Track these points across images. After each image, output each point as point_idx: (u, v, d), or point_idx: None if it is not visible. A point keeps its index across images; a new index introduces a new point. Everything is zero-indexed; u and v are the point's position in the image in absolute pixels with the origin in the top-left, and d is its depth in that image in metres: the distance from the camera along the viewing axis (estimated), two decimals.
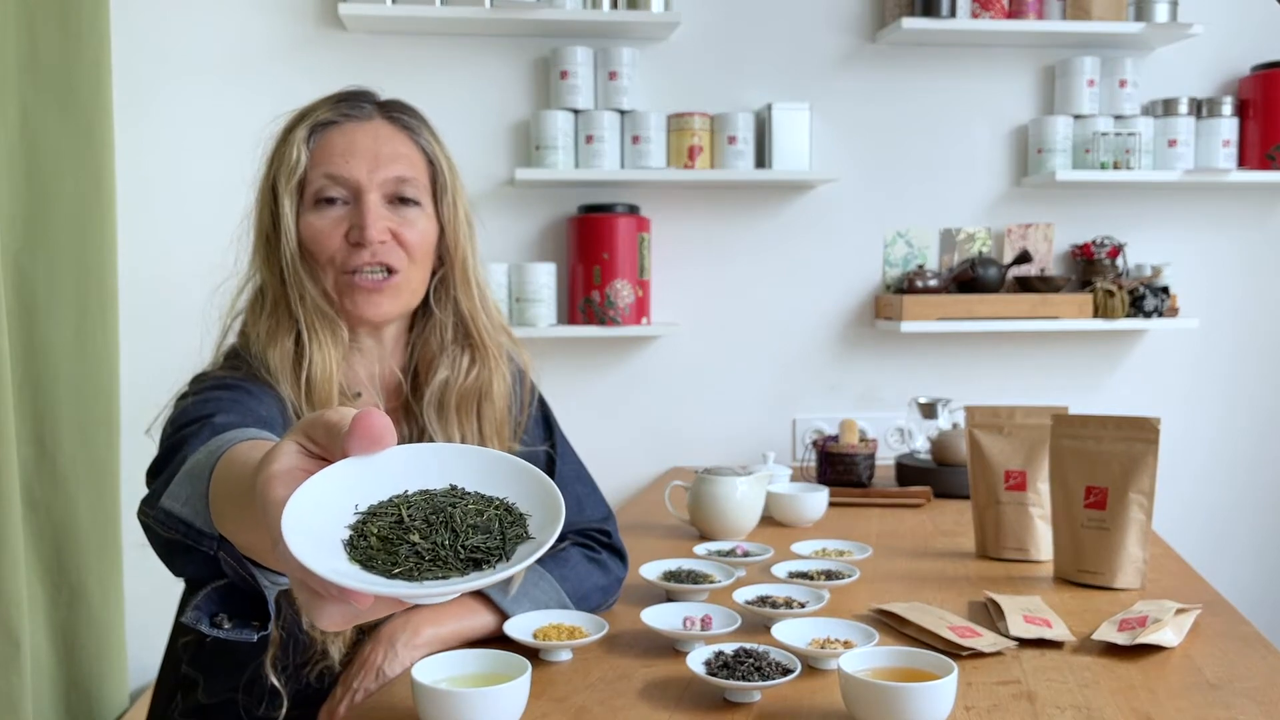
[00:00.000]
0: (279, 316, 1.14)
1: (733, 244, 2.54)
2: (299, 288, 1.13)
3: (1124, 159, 2.47)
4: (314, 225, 1.13)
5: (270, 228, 1.15)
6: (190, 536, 0.75)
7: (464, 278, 1.22)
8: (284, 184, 1.12)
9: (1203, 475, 2.68)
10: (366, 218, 1.12)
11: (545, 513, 0.54)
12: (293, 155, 1.12)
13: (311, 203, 1.14)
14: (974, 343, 2.60)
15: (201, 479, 0.75)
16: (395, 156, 1.15)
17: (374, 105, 1.19)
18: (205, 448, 0.79)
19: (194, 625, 0.74)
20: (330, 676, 1.17)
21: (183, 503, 0.77)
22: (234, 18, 2.36)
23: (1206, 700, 1.05)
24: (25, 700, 1.89)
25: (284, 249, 1.13)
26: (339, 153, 1.13)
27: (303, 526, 0.50)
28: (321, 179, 1.13)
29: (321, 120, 1.14)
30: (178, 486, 0.79)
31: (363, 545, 0.51)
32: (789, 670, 1.05)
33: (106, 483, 2.12)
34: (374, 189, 1.14)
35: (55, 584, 2.08)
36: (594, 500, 1.39)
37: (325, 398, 1.12)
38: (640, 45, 2.45)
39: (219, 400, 1.05)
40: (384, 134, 1.17)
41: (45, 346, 2.05)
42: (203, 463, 0.77)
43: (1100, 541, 1.45)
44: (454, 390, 1.20)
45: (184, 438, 0.95)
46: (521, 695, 0.96)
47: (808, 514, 1.86)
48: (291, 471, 0.53)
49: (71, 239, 2.08)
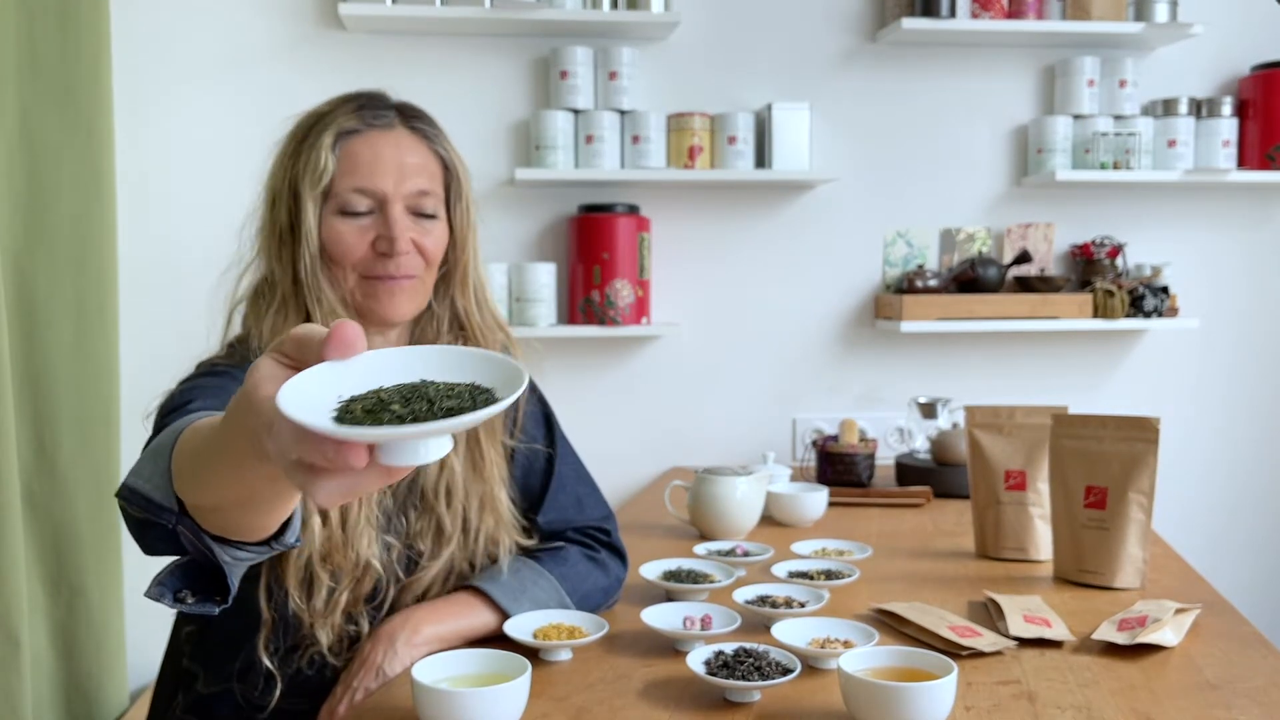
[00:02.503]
0: (287, 312, 1.18)
1: (733, 244, 2.54)
2: (316, 289, 1.17)
3: (1124, 159, 2.47)
4: (341, 233, 1.17)
5: (287, 227, 1.18)
6: (150, 510, 0.77)
7: (464, 278, 1.26)
8: (308, 189, 1.15)
9: (1202, 475, 2.69)
10: (395, 230, 1.16)
11: (509, 385, 0.59)
12: (319, 161, 1.15)
13: (336, 210, 1.17)
14: (974, 343, 2.60)
15: (163, 455, 0.78)
16: (417, 168, 1.19)
17: (395, 113, 1.22)
18: (170, 428, 0.82)
19: (157, 600, 0.78)
20: (320, 662, 1.18)
21: (145, 479, 0.79)
22: (234, 17, 2.37)
23: (1206, 700, 1.05)
24: (25, 700, 1.90)
25: (303, 250, 1.16)
26: (366, 164, 1.17)
27: (295, 403, 0.55)
28: (350, 192, 1.17)
29: (347, 129, 1.17)
30: (141, 464, 0.81)
31: (349, 419, 0.55)
32: (789, 670, 1.05)
33: (106, 482, 2.12)
34: (398, 200, 1.18)
35: (55, 584, 2.08)
36: (594, 500, 1.39)
37: None
38: (640, 45, 2.45)
39: (202, 387, 1.08)
40: (406, 144, 1.20)
41: (45, 346, 2.05)
42: (165, 441, 0.79)
43: (1100, 541, 1.45)
44: None
45: (165, 425, 0.98)
46: (521, 695, 0.96)
47: (808, 514, 1.86)
48: (274, 378, 0.58)
49: (71, 238, 2.08)
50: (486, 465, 1.26)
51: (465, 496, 1.24)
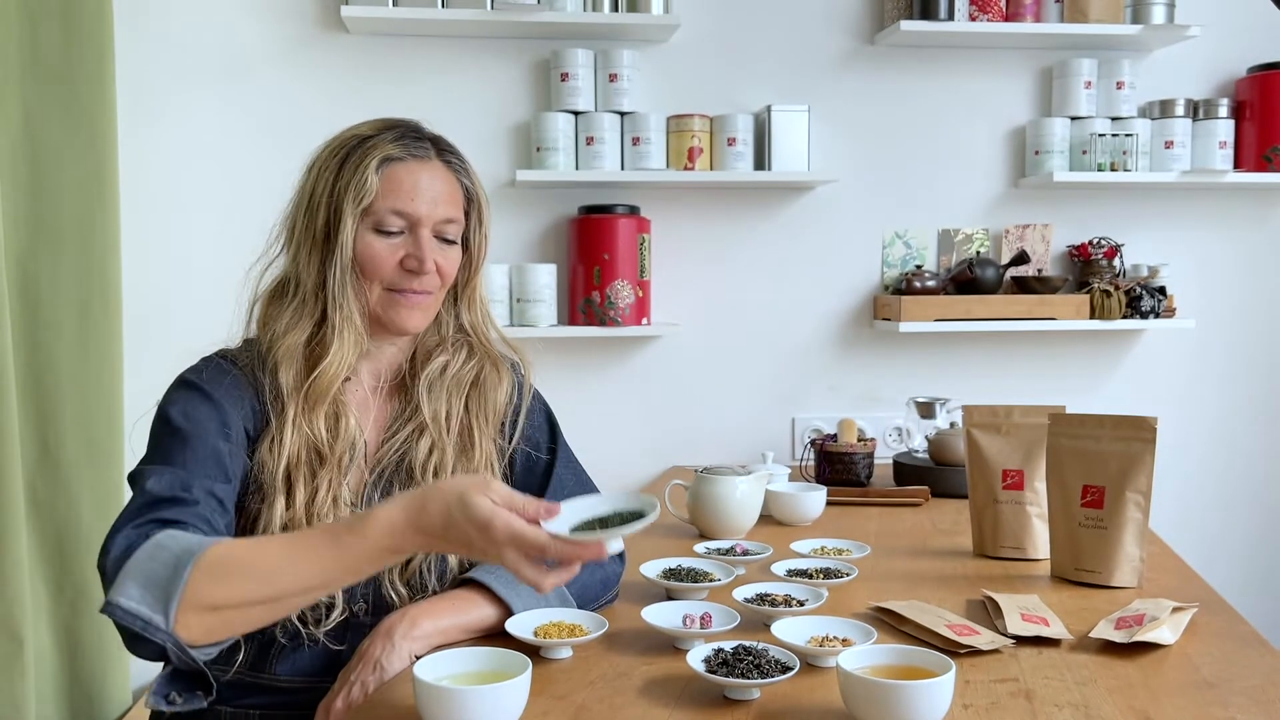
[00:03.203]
0: (304, 311, 1.27)
1: (732, 245, 2.55)
2: (340, 295, 1.26)
3: (1121, 160, 2.47)
4: (376, 250, 1.27)
5: (323, 234, 1.27)
6: (145, 629, 0.99)
7: (472, 295, 1.38)
8: (350, 204, 1.25)
9: (1200, 474, 2.69)
10: (424, 251, 1.28)
11: (652, 506, 1.05)
12: (365, 181, 1.25)
13: (372, 227, 1.27)
14: (972, 343, 2.61)
15: (161, 582, 1.00)
16: (448, 197, 1.31)
17: (431, 145, 1.32)
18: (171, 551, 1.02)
19: (156, 708, 1.05)
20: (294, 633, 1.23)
21: (137, 600, 1.00)
22: (236, 19, 2.37)
23: (1204, 698, 1.06)
24: (28, 698, 1.90)
25: (337, 259, 1.25)
26: (406, 190, 1.27)
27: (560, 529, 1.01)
28: (389, 213, 1.27)
29: (391, 155, 1.27)
30: (128, 585, 1.01)
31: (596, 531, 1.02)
32: (788, 668, 1.06)
33: (109, 482, 2.12)
34: (428, 224, 1.29)
35: (58, 583, 2.09)
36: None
37: (322, 391, 1.25)
38: (640, 47, 2.46)
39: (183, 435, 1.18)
40: (440, 175, 1.30)
41: (49, 346, 2.06)
42: (163, 571, 1.01)
43: (1098, 540, 1.46)
44: (450, 373, 1.35)
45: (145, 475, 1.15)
46: (522, 693, 0.97)
47: (807, 513, 1.87)
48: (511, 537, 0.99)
49: (75, 240, 2.08)
50: (476, 451, 1.34)
51: (451, 475, 1.31)
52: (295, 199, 1.32)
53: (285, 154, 1.48)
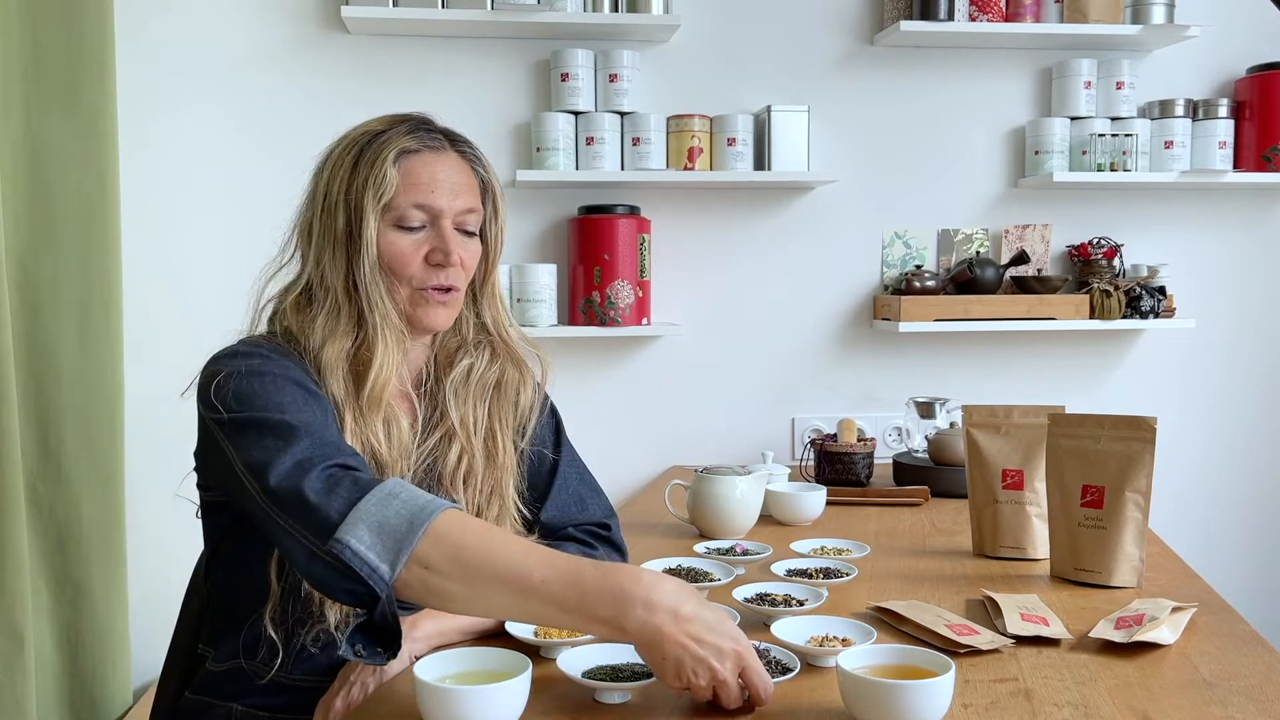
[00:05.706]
0: (340, 318, 1.23)
1: (732, 245, 2.55)
2: (370, 297, 1.23)
3: (1121, 160, 2.48)
4: (400, 247, 1.24)
5: (345, 235, 1.23)
6: (367, 574, 0.98)
7: (491, 289, 1.36)
8: (372, 202, 1.22)
9: (1199, 474, 2.70)
10: (449, 244, 1.26)
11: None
12: (383, 176, 1.22)
13: (393, 224, 1.24)
14: (971, 343, 2.61)
15: (392, 533, 0.99)
16: (466, 188, 1.28)
17: (443, 136, 1.30)
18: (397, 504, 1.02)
19: (344, 656, 0.99)
20: (326, 640, 1.19)
21: (368, 546, 0.99)
22: (237, 19, 2.37)
23: (1203, 698, 1.06)
24: (29, 697, 1.91)
25: (363, 259, 1.22)
26: (425, 182, 1.25)
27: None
28: (410, 207, 1.24)
29: (407, 148, 1.25)
30: (358, 529, 0.99)
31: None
32: (788, 668, 1.06)
33: (110, 481, 2.13)
34: (449, 217, 1.26)
35: (59, 582, 2.09)
36: (597, 501, 1.42)
37: (378, 397, 1.22)
38: (640, 48, 2.46)
39: (293, 398, 1.13)
40: (456, 166, 1.28)
41: (49, 346, 2.06)
42: (395, 521, 1.00)
43: (1097, 540, 1.46)
44: (475, 378, 1.33)
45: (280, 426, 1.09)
46: (522, 693, 0.97)
47: (806, 513, 1.87)
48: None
49: (75, 239, 2.09)
50: (500, 455, 1.32)
51: (479, 482, 1.30)
52: (309, 201, 1.28)
53: (285, 153, 1.48)
